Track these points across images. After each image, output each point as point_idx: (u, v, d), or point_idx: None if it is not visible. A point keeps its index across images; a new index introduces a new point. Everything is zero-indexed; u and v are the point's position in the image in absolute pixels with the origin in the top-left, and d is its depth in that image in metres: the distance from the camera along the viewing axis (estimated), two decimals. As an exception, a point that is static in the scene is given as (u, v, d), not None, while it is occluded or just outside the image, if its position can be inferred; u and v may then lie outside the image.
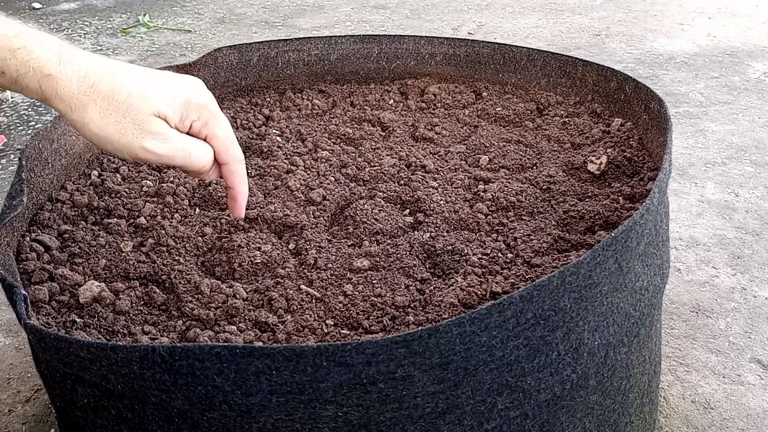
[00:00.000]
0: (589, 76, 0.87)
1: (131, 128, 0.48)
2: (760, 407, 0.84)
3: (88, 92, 0.48)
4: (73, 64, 0.48)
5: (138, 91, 0.48)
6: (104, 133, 0.48)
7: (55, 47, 0.49)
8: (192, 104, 0.50)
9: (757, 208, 1.26)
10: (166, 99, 0.49)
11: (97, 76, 0.48)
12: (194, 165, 0.51)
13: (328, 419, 0.44)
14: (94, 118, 0.48)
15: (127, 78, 0.49)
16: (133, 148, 0.48)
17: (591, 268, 0.48)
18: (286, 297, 0.57)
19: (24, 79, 0.48)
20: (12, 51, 0.47)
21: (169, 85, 0.50)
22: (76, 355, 0.44)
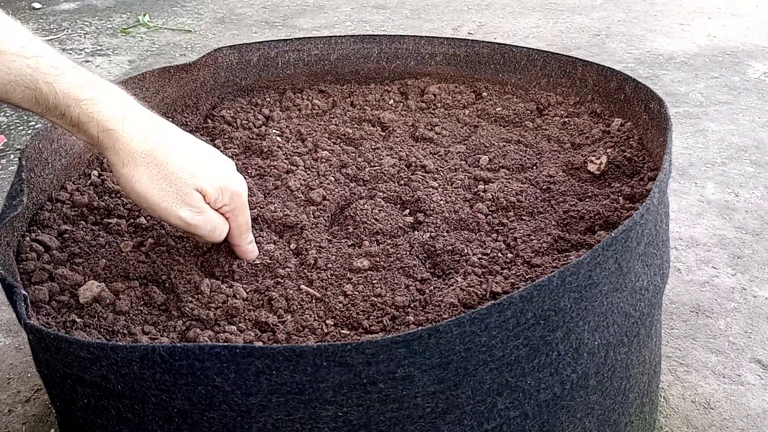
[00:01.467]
0: (589, 76, 0.87)
1: (173, 197, 0.53)
2: (760, 407, 0.84)
3: (144, 155, 0.52)
4: (135, 125, 0.52)
5: (188, 167, 0.53)
6: (147, 195, 0.53)
7: (120, 103, 0.52)
8: (228, 190, 0.56)
9: (757, 208, 1.26)
10: (209, 179, 0.54)
11: (155, 143, 0.52)
12: (213, 239, 0.57)
13: (328, 419, 0.44)
14: (142, 179, 0.52)
15: (180, 151, 0.54)
16: (168, 213, 0.54)
17: (591, 268, 0.48)
18: (286, 297, 0.57)
19: (84, 126, 0.51)
20: (77, 101, 0.50)
21: (214, 167, 0.56)
22: (76, 355, 0.44)
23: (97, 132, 0.51)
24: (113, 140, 0.51)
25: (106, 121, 0.51)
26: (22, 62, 0.49)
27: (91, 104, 0.50)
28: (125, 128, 0.51)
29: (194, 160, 0.54)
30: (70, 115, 0.51)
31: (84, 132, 0.51)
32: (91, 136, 0.51)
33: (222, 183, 0.55)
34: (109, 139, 0.51)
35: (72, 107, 0.50)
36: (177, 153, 0.54)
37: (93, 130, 0.51)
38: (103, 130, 0.51)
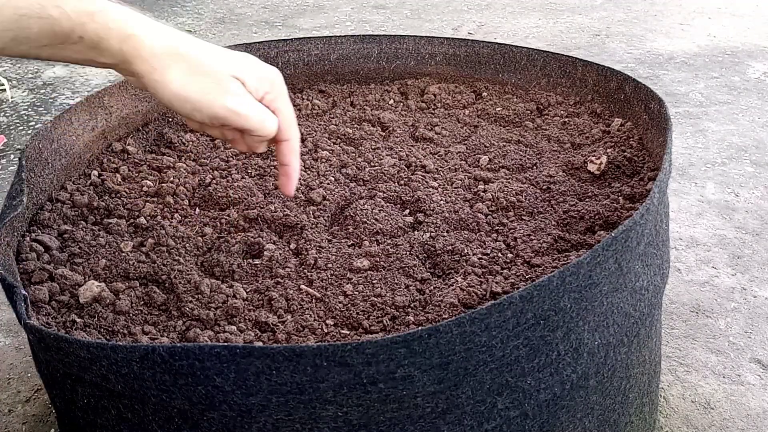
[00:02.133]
0: (589, 76, 0.87)
1: (214, 87, 0.50)
2: (760, 407, 0.84)
3: (171, 53, 0.49)
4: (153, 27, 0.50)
5: (219, 55, 0.51)
6: (186, 92, 0.50)
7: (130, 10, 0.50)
8: (266, 77, 0.53)
9: (757, 208, 1.26)
10: (244, 66, 0.52)
11: (179, 40, 0.50)
12: (265, 129, 0.53)
13: (328, 419, 0.44)
14: (176, 77, 0.49)
15: (205, 44, 0.51)
16: (214, 105, 0.50)
17: (591, 268, 0.48)
18: (286, 297, 0.57)
19: (104, 42, 0.48)
20: (90, 14, 0.48)
21: (246, 57, 0.53)
22: (76, 355, 0.44)
23: (118, 43, 0.49)
24: (137, 47, 0.49)
25: (125, 27, 0.49)
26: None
27: (105, 15, 0.48)
28: (145, 31, 0.49)
29: (222, 53, 0.52)
30: (88, 35, 0.48)
31: (105, 49, 0.49)
32: (112, 51, 0.49)
33: (258, 70, 0.53)
34: (132, 47, 0.49)
35: (87, 24, 0.48)
36: (202, 47, 0.52)
37: (114, 43, 0.49)
38: (123, 39, 0.49)
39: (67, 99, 1.88)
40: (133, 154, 0.81)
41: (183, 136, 0.85)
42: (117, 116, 0.82)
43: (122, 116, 0.83)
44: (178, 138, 0.84)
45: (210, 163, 0.79)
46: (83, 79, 2.02)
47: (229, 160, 0.80)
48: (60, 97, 1.89)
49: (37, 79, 2.02)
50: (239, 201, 0.71)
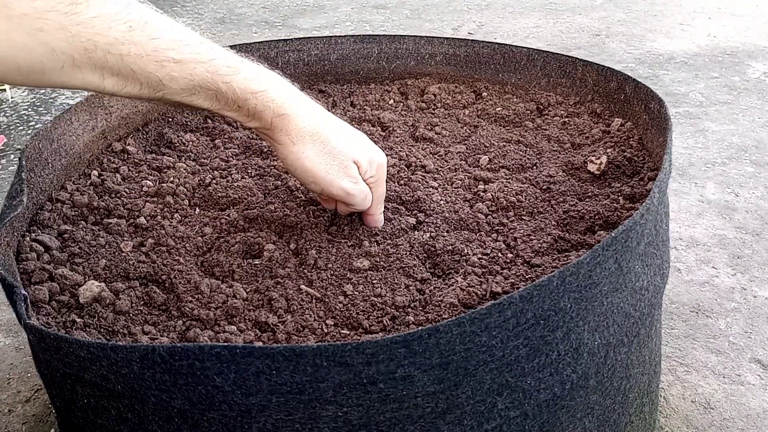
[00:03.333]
0: (589, 76, 0.87)
1: (336, 169, 0.59)
2: (760, 407, 0.84)
3: (311, 134, 0.58)
4: (304, 109, 0.59)
5: (346, 142, 0.60)
6: (314, 169, 0.59)
7: (289, 91, 0.59)
8: (375, 162, 0.62)
9: (757, 208, 1.26)
10: (363, 153, 0.61)
11: (319, 123, 0.59)
12: (361, 206, 0.63)
13: (328, 419, 0.44)
14: (310, 155, 0.58)
15: (338, 129, 0.61)
16: (332, 184, 0.60)
17: (591, 268, 0.48)
18: (286, 297, 0.57)
19: (259, 114, 0.57)
20: (254, 94, 0.56)
21: (363, 141, 0.62)
22: (76, 355, 0.44)
23: (271, 117, 0.57)
24: (286, 123, 0.57)
25: (280, 107, 0.57)
26: (202, 68, 0.53)
27: (266, 95, 0.56)
28: (296, 112, 0.58)
29: (349, 136, 0.61)
30: (247, 107, 0.56)
31: (258, 119, 0.57)
32: (265, 121, 0.57)
33: (371, 155, 0.62)
34: (282, 123, 0.57)
35: (249, 100, 0.56)
36: (337, 131, 0.60)
37: (267, 116, 0.57)
38: (277, 116, 0.57)
39: (67, 99, 1.88)
40: (133, 154, 0.81)
41: (183, 136, 0.85)
42: (117, 116, 0.82)
43: (122, 116, 0.83)
44: (178, 138, 0.84)
45: (210, 163, 0.79)
46: (83, 79, 2.02)
47: (229, 160, 0.80)
48: (60, 97, 1.89)
49: (37, 79, 2.01)
50: (239, 201, 0.71)
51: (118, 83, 0.51)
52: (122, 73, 0.51)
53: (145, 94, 0.53)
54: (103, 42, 0.48)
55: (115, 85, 0.51)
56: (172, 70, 0.52)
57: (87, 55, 0.48)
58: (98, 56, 0.49)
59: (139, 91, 0.52)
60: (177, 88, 0.53)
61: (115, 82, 0.51)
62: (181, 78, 0.52)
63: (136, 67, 0.50)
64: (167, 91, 0.53)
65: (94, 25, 0.48)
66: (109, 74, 0.50)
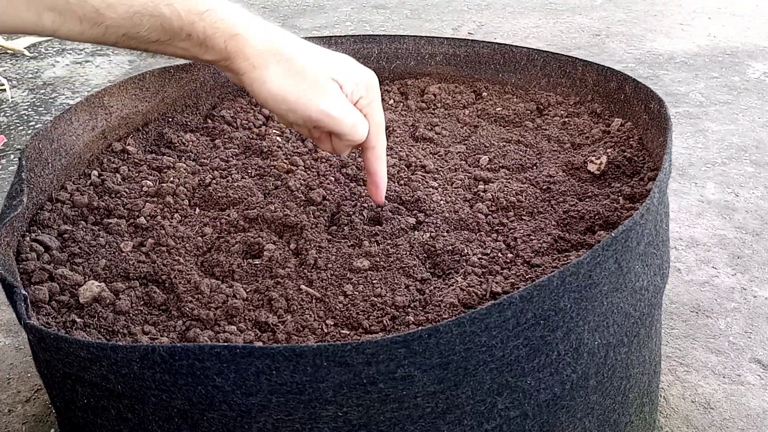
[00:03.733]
0: (589, 76, 0.87)
1: (309, 89, 0.51)
2: (760, 407, 0.84)
3: (272, 52, 0.51)
4: (258, 27, 0.51)
5: (319, 56, 0.52)
6: (283, 92, 0.51)
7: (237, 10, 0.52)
8: (363, 82, 0.54)
9: (757, 208, 1.26)
10: (342, 69, 0.53)
11: (280, 40, 0.52)
12: (355, 135, 0.54)
13: (328, 419, 0.44)
14: (274, 77, 0.51)
15: (307, 45, 0.53)
16: (308, 107, 0.51)
17: (591, 268, 0.48)
18: (286, 297, 0.57)
19: (210, 40, 0.51)
20: (200, 14, 0.50)
21: (345, 60, 0.54)
22: (76, 355, 0.44)
23: (224, 41, 0.51)
24: (240, 45, 0.51)
25: (231, 27, 0.51)
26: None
27: (213, 14, 0.51)
28: (250, 30, 0.51)
29: (322, 55, 0.53)
30: (195, 33, 0.50)
31: (210, 47, 0.51)
32: (217, 48, 0.51)
33: (355, 73, 0.54)
34: (236, 45, 0.51)
35: (196, 23, 0.50)
36: (303, 48, 0.53)
37: (219, 41, 0.51)
38: (229, 37, 0.51)
39: (67, 99, 1.88)
40: (133, 154, 0.81)
41: (183, 136, 0.85)
42: (117, 116, 0.82)
43: (122, 116, 0.83)
44: (178, 138, 0.84)
45: (210, 163, 0.79)
46: (83, 79, 2.02)
47: (229, 160, 0.80)
48: (60, 97, 1.89)
49: (37, 79, 2.02)
50: (239, 201, 0.71)
51: (56, 19, 0.47)
52: (57, 6, 0.47)
53: (87, 32, 0.48)
54: None
55: (54, 21, 0.47)
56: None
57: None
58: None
59: (80, 27, 0.48)
60: (116, 17, 0.48)
61: (53, 18, 0.47)
62: (118, 4, 0.48)
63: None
64: (109, 23, 0.48)
65: None
66: (44, 8, 0.46)
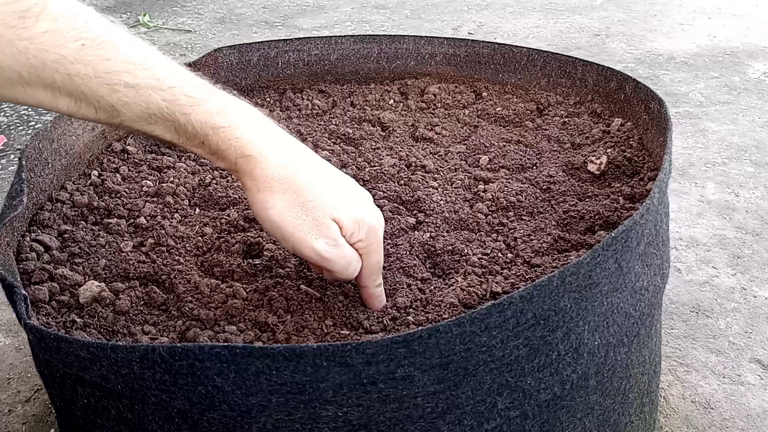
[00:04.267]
0: (589, 76, 0.87)
1: (309, 226, 0.51)
2: (761, 407, 0.84)
3: (281, 181, 0.50)
4: (274, 151, 0.51)
5: (325, 196, 0.51)
6: (281, 223, 0.50)
7: (259, 129, 0.51)
8: (365, 224, 0.53)
9: (757, 208, 1.26)
10: (347, 211, 0.52)
11: (293, 169, 0.51)
12: (345, 275, 0.53)
13: (328, 419, 0.44)
14: (277, 205, 0.50)
15: (318, 179, 0.52)
16: (302, 244, 0.51)
17: (591, 268, 0.48)
18: (286, 297, 0.57)
19: (222, 154, 0.50)
20: (215, 129, 0.49)
21: (352, 198, 0.53)
22: (76, 355, 0.44)
23: (235, 158, 0.50)
24: (251, 166, 0.50)
25: (244, 147, 0.50)
26: (159, 95, 0.48)
27: (229, 131, 0.50)
28: (263, 153, 0.50)
29: (332, 190, 0.52)
30: (209, 144, 0.50)
31: (222, 158, 0.51)
32: (228, 162, 0.51)
33: (359, 216, 0.53)
34: (246, 165, 0.50)
35: (210, 136, 0.50)
36: (315, 181, 0.52)
37: (231, 156, 0.50)
38: (241, 156, 0.50)
39: (67, 99, 1.87)
40: (133, 154, 0.81)
41: (183, 136, 0.85)
42: (117, 116, 0.82)
43: (122, 116, 0.83)
44: (178, 138, 0.84)
45: (210, 163, 0.79)
46: (83, 79, 2.02)
47: (229, 160, 0.80)
48: (60, 97, 1.89)
49: (37, 79, 2.01)
50: (239, 201, 0.71)
51: (72, 105, 0.48)
52: (74, 95, 0.47)
53: (102, 118, 0.49)
54: (51, 60, 0.44)
55: (70, 106, 0.48)
56: (124, 95, 0.47)
57: (35, 72, 0.45)
58: (46, 75, 0.45)
59: (95, 115, 0.48)
60: (132, 115, 0.48)
61: (68, 103, 0.47)
62: (135, 104, 0.48)
63: (86, 89, 0.46)
64: (124, 118, 0.48)
65: (42, 41, 0.44)
66: (61, 94, 0.47)
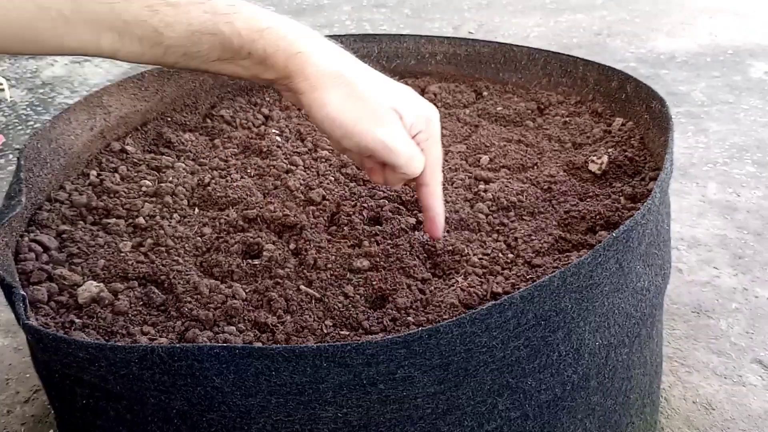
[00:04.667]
0: (590, 75, 0.87)
1: (369, 117, 0.49)
2: (762, 408, 0.84)
3: (334, 75, 0.49)
4: (322, 47, 0.50)
5: (381, 85, 0.50)
6: (341, 117, 0.49)
7: (300, 28, 0.50)
8: (423, 116, 0.52)
9: (759, 208, 1.25)
10: (404, 100, 0.51)
11: (344, 63, 0.50)
12: (410, 168, 0.52)
13: (327, 420, 0.44)
14: (334, 100, 0.49)
15: (370, 72, 0.51)
16: (365, 135, 0.49)
17: (592, 269, 0.48)
18: (286, 297, 0.57)
19: (271, 58, 0.49)
20: (260, 31, 0.48)
21: (407, 91, 0.52)
22: (74, 355, 0.44)
23: (284, 60, 0.49)
24: (302, 64, 0.49)
25: (292, 45, 0.49)
26: (199, 9, 0.47)
27: (274, 32, 0.49)
28: (312, 50, 0.49)
29: (384, 82, 0.52)
30: (256, 51, 0.49)
31: (271, 65, 0.50)
32: (278, 67, 0.49)
33: (417, 106, 0.52)
34: (297, 64, 0.49)
35: (257, 41, 0.48)
36: (366, 74, 0.51)
37: (280, 59, 0.49)
38: (290, 56, 0.49)
39: (66, 98, 1.87)
40: (132, 154, 0.80)
41: (182, 135, 0.85)
42: (116, 116, 0.82)
43: (121, 116, 0.83)
44: (177, 138, 0.84)
45: (209, 163, 0.79)
46: (82, 78, 2.02)
47: (228, 160, 0.80)
48: (59, 96, 1.89)
49: (36, 78, 2.02)
50: (238, 201, 0.71)
51: (115, 40, 0.47)
52: (116, 26, 0.46)
53: (147, 52, 0.48)
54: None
55: (113, 42, 0.47)
56: (166, 14, 0.46)
57: (77, 8, 0.45)
58: (88, 8, 0.45)
59: (140, 48, 0.47)
60: (176, 36, 0.47)
61: (111, 38, 0.47)
62: (177, 23, 0.47)
63: (128, 16, 0.46)
64: (168, 43, 0.48)
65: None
66: (103, 29, 0.46)
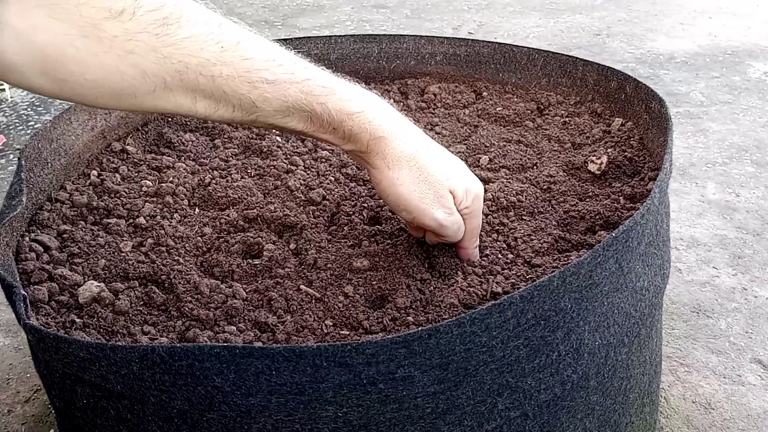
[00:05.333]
0: (589, 75, 0.87)
1: (431, 198, 0.56)
2: (761, 408, 0.84)
3: (408, 158, 0.56)
4: (402, 132, 0.56)
5: (443, 170, 0.57)
6: (408, 196, 0.56)
7: (387, 112, 0.56)
8: (471, 193, 0.58)
9: (758, 208, 1.26)
10: (458, 181, 0.57)
11: (418, 148, 0.56)
12: (454, 238, 0.59)
13: (327, 420, 0.44)
14: (405, 181, 0.55)
15: (436, 156, 0.58)
16: (425, 214, 0.56)
17: (591, 269, 0.48)
18: (286, 297, 0.57)
19: (355, 138, 0.55)
20: (350, 115, 0.54)
21: (459, 169, 0.59)
22: (75, 355, 0.44)
23: (368, 140, 0.55)
24: (383, 146, 0.55)
25: (377, 130, 0.55)
26: (295, 88, 0.51)
27: (363, 116, 0.54)
28: (394, 135, 0.55)
29: (447, 164, 0.58)
30: (342, 129, 0.54)
31: (355, 142, 0.55)
32: (361, 144, 0.55)
33: (468, 184, 0.58)
34: (378, 146, 0.55)
35: (345, 122, 0.54)
36: (434, 157, 0.57)
37: (364, 139, 0.55)
38: (374, 138, 0.55)
39: (67, 99, 1.87)
40: (133, 154, 0.80)
41: (182, 135, 0.85)
42: (116, 116, 0.82)
43: (121, 116, 0.83)
44: (178, 138, 0.84)
45: (209, 163, 0.79)
46: (83, 78, 2.02)
47: (228, 160, 0.80)
48: (60, 96, 1.89)
49: (37, 78, 2.01)
50: (239, 201, 0.71)
51: (211, 106, 0.50)
52: (214, 96, 0.50)
53: (238, 117, 0.52)
54: (195, 63, 0.48)
55: (208, 108, 0.50)
56: (264, 91, 0.50)
57: (179, 77, 0.48)
58: (190, 78, 0.48)
59: (232, 114, 0.51)
60: (270, 109, 0.51)
61: (207, 104, 0.50)
62: (274, 99, 0.51)
63: (228, 88, 0.49)
64: (260, 113, 0.52)
65: (185, 47, 0.47)
66: (202, 97, 0.50)
